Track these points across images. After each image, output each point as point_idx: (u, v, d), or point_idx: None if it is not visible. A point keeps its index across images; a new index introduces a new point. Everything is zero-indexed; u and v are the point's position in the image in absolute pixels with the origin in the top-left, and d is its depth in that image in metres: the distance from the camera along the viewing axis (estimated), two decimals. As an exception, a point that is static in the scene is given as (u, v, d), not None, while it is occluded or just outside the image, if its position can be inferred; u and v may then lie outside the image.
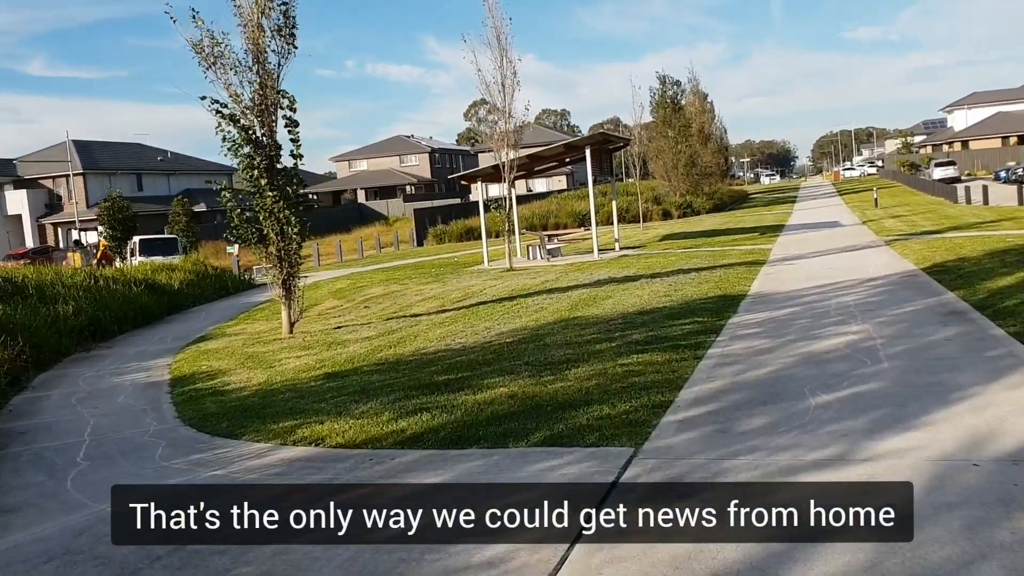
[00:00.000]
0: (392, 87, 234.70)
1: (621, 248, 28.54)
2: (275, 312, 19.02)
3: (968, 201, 37.36)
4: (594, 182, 37.23)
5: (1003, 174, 53.64)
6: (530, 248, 28.34)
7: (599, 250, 26.57)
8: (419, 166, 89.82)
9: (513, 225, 32.72)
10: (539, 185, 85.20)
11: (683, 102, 53.12)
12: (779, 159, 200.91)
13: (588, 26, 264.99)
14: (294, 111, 14.18)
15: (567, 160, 30.85)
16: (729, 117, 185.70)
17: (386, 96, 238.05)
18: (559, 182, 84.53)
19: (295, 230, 14.21)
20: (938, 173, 53.61)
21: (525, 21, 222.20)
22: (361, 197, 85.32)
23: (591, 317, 13.01)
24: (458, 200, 64.09)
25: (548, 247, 27.83)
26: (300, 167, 14.57)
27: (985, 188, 38.30)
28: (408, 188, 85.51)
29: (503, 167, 24.29)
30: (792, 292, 14.58)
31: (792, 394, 7.40)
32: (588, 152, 26.30)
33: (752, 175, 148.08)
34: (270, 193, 13.95)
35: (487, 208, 27.50)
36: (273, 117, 14.20)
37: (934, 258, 17.90)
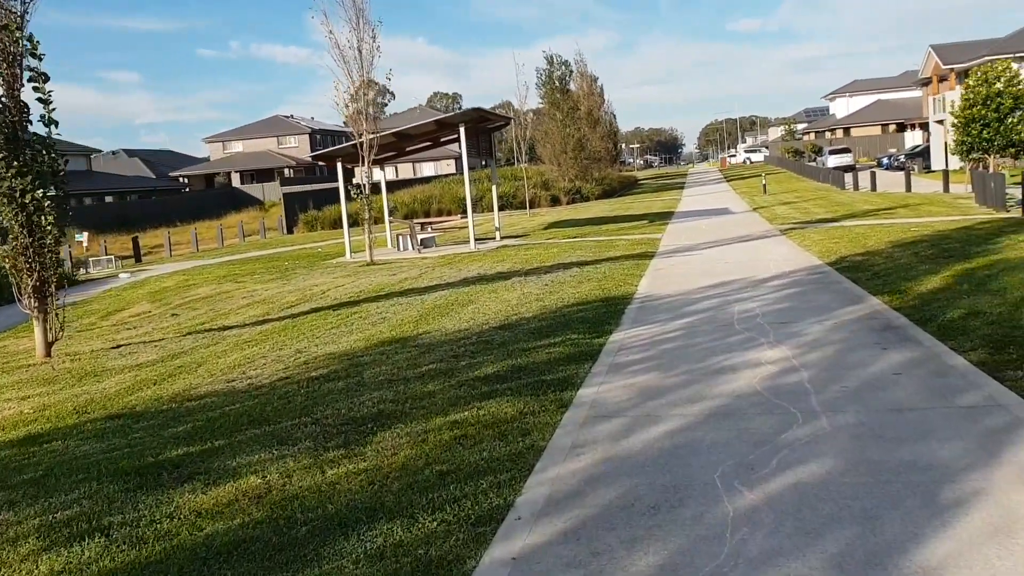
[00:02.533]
0: (279, 68, 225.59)
1: (502, 238, 25.80)
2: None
3: (856, 187, 36.52)
4: (483, 165, 34.46)
5: (885, 160, 53.83)
6: (400, 238, 25.22)
7: (476, 240, 23.73)
8: (299, 148, 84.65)
9: (381, 213, 29.46)
10: (427, 168, 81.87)
11: (571, 85, 50.83)
12: (667, 146, 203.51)
13: (480, 10, 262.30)
14: (40, 58, 10.61)
15: (441, 140, 27.78)
16: (619, 105, 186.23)
17: (273, 77, 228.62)
18: (448, 165, 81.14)
19: (49, 219, 10.66)
20: (832, 161, 51.32)
21: (415, 3, 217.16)
22: (236, 181, 79.85)
23: (438, 334, 10.11)
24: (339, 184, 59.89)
25: (420, 237, 24.80)
26: (55, 136, 10.98)
27: (873, 175, 37.59)
28: (287, 171, 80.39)
29: (361, 147, 21.01)
30: (686, 294, 12.12)
31: (697, 487, 4.71)
32: (463, 131, 23.31)
33: (643, 161, 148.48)
34: (10, 172, 10.38)
35: (348, 195, 24.16)
36: (16, 71, 10.61)
37: (839, 251, 15.88)
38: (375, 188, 31.21)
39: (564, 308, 11.39)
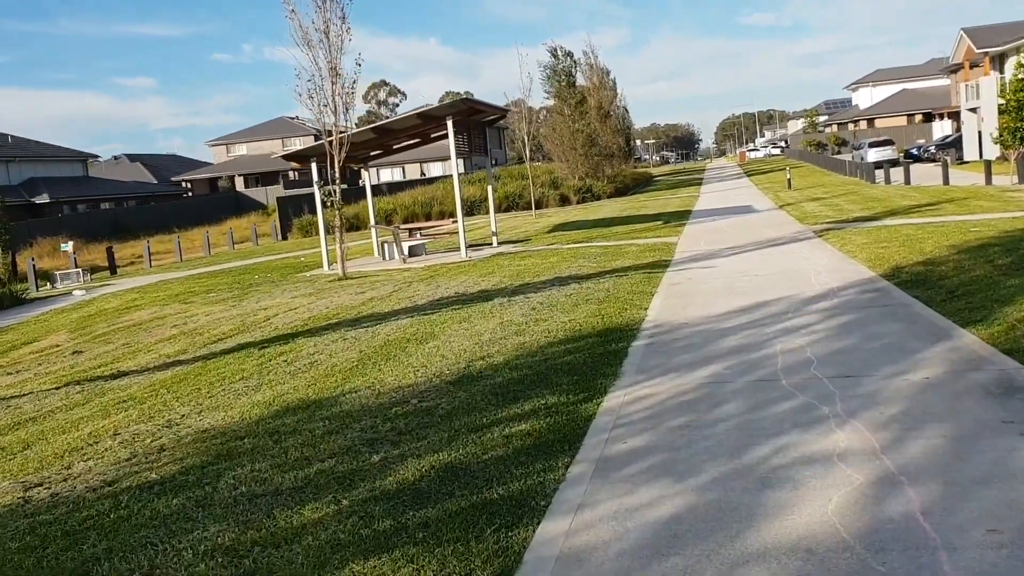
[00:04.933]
0: (291, 71, 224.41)
1: (499, 243, 23.06)
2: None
3: (888, 181, 33.43)
4: (493, 163, 31.99)
5: (915, 151, 50.55)
6: (386, 246, 22.50)
7: (470, 247, 21.05)
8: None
9: (380, 218, 26.77)
10: (435, 169, 79.21)
11: (579, 78, 47.91)
12: (684, 142, 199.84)
13: (491, 11, 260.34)
14: None
15: (431, 136, 25.03)
16: (633, 101, 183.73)
17: (286, 80, 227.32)
18: (457, 165, 78.45)
19: None
20: (873, 154, 44.75)
21: (428, 5, 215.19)
22: (240, 185, 77.64)
23: (367, 395, 7.35)
24: (344, 187, 57.24)
25: (408, 244, 22.11)
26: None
27: (907, 167, 34.50)
28: (291, 174, 77.93)
29: (330, 145, 18.27)
30: (708, 323, 9.31)
31: None
32: (450, 124, 20.60)
33: (659, 157, 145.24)
34: None
35: (323, 201, 21.45)
36: None
37: (892, 258, 12.98)
38: (362, 191, 28.53)
39: (548, 347, 8.62)
